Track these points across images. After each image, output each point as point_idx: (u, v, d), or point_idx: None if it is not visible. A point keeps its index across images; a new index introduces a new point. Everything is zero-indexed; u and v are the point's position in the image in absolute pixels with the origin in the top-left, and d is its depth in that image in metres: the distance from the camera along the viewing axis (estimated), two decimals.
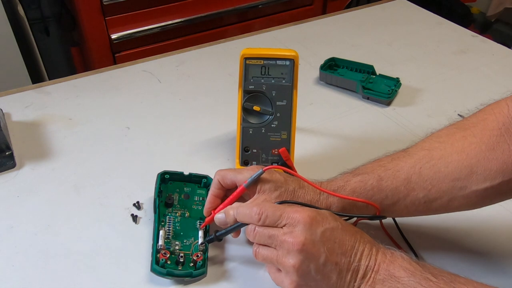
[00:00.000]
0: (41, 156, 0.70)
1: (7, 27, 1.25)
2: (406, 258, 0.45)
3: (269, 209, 0.47)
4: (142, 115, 0.80)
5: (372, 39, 1.04)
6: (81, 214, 0.61)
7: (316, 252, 0.44)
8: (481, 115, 0.51)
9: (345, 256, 0.44)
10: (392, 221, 0.57)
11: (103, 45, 1.42)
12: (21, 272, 0.53)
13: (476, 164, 0.48)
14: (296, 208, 0.47)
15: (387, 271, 0.44)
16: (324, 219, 0.46)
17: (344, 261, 0.44)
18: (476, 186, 0.49)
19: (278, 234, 0.46)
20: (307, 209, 0.47)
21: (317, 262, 0.44)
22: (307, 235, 0.44)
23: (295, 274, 0.44)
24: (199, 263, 0.52)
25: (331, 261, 0.44)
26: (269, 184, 0.52)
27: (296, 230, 0.45)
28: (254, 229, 0.47)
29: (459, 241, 0.59)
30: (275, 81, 0.63)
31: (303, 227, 0.44)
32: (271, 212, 0.47)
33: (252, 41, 1.04)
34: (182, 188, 0.62)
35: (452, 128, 0.53)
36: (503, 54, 0.99)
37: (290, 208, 0.47)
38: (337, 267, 0.44)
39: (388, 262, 0.44)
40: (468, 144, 0.49)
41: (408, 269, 0.43)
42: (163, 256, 0.52)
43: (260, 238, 0.47)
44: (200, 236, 0.55)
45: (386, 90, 0.83)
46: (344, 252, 0.44)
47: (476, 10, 2.37)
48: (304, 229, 0.44)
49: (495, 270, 0.55)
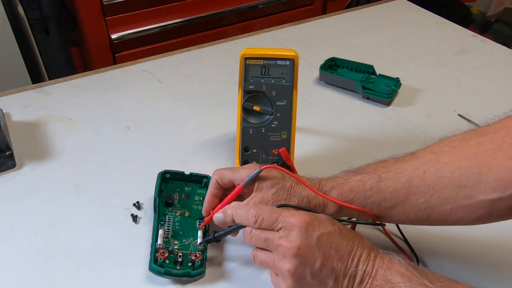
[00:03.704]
0: (41, 156, 0.70)
1: (7, 27, 1.24)
2: (403, 263, 0.44)
3: (266, 212, 0.47)
4: (142, 115, 0.80)
5: (372, 39, 1.04)
6: (81, 214, 0.61)
7: (312, 257, 0.43)
8: (507, 121, 0.47)
9: (341, 262, 0.44)
10: (395, 225, 0.57)
11: (103, 45, 1.42)
12: (21, 272, 0.53)
13: (487, 172, 0.44)
14: (292, 212, 0.46)
15: (384, 277, 0.43)
16: (320, 223, 0.45)
17: (340, 267, 0.44)
18: (483, 195, 0.45)
19: (273, 237, 0.45)
20: (303, 213, 0.46)
21: (313, 267, 0.43)
22: (303, 239, 0.44)
23: (290, 279, 0.44)
24: (197, 263, 0.52)
25: (327, 266, 0.44)
26: (266, 181, 0.52)
27: (291, 234, 0.44)
28: (251, 232, 0.47)
29: (463, 246, 0.58)
30: (275, 81, 0.63)
31: (299, 231, 0.44)
32: (267, 215, 0.46)
33: (252, 41, 1.04)
34: (183, 187, 0.62)
35: (469, 134, 0.49)
36: (503, 54, 0.98)
37: (287, 211, 0.47)
38: (334, 272, 0.44)
39: (385, 268, 0.44)
40: (482, 150, 0.46)
41: (405, 274, 0.43)
42: (161, 255, 0.52)
43: (256, 241, 0.47)
44: (199, 236, 0.55)
45: (386, 90, 0.83)
46: (340, 257, 0.44)
47: (476, 10, 2.37)
48: (300, 233, 0.44)
49: (498, 277, 0.54)
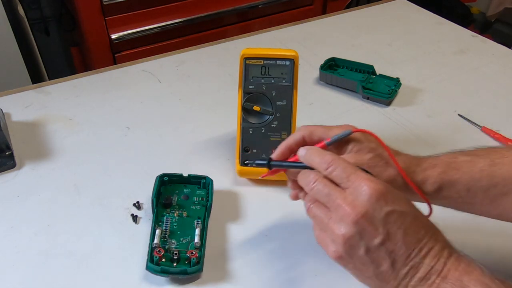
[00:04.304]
0: (41, 156, 0.70)
1: (7, 27, 1.25)
2: (487, 273, 0.38)
3: (342, 164, 0.41)
4: (142, 115, 0.80)
5: (372, 39, 1.04)
6: (81, 214, 0.61)
7: (373, 231, 0.38)
8: None
9: (406, 247, 0.38)
10: None
11: (103, 45, 1.42)
12: (21, 272, 0.53)
13: None
14: (370, 176, 0.40)
15: (459, 282, 0.37)
16: (396, 200, 0.39)
17: (402, 253, 0.38)
18: None
19: (337, 196, 0.40)
20: (381, 182, 0.40)
21: (370, 242, 0.38)
22: (370, 208, 0.38)
23: (341, 246, 0.39)
24: (193, 260, 0.52)
25: (387, 247, 0.38)
26: (364, 144, 0.47)
27: (358, 199, 0.39)
28: (315, 181, 0.42)
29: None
30: (275, 81, 0.63)
31: (368, 198, 0.38)
32: (341, 168, 0.41)
33: (252, 41, 1.04)
34: (182, 189, 0.62)
35: None
36: (503, 54, 0.98)
37: (364, 174, 0.41)
38: (392, 256, 0.38)
39: (462, 272, 0.38)
40: None
41: (490, 287, 0.36)
42: (157, 254, 0.52)
43: (316, 193, 0.42)
44: (196, 234, 0.55)
45: (386, 90, 0.83)
46: (406, 242, 0.38)
47: (476, 10, 2.37)
48: (368, 201, 0.38)
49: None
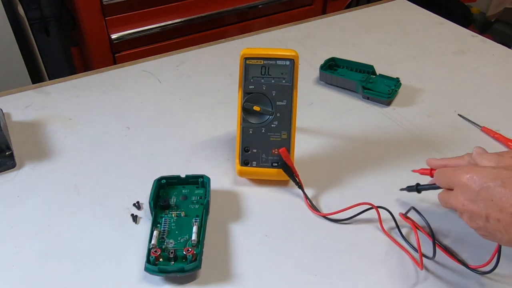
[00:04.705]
0: (41, 156, 0.70)
1: (7, 27, 1.24)
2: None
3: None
4: (142, 115, 0.80)
5: (372, 39, 1.04)
6: (81, 214, 0.61)
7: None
8: None
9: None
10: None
11: (103, 45, 1.42)
12: (21, 272, 0.53)
13: None
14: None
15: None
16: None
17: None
18: None
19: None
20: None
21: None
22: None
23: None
24: (189, 257, 0.52)
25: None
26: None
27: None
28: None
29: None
30: (275, 81, 0.63)
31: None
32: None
33: (252, 41, 1.04)
34: (180, 190, 0.62)
35: None
36: (503, 54, 0.98)
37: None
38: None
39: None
40: None
41: None
42: (153, 254, 0.52)
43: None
44: (194, 232, 0.55)
45: (386, 90, 0.83)
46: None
47: (476, 10, 2.37)
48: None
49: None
